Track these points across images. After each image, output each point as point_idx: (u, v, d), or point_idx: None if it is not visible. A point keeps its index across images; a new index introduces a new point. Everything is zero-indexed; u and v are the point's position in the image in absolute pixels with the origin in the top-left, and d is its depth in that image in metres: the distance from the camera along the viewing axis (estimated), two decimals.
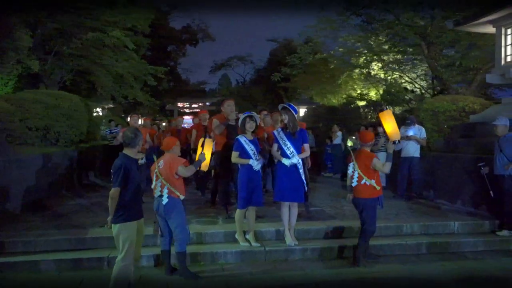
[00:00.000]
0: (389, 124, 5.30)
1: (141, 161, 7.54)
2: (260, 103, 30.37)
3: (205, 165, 5.57)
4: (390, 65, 17.49)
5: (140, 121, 10.67)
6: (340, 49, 18.74)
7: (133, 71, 15.27)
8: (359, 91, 19.98)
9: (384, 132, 5.34)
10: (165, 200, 4.81)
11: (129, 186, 4.10)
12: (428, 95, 16.33)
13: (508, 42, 8.50)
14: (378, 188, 5.31)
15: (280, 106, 5.94)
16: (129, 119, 9.93)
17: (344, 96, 20.22)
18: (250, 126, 5.76)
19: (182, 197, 4.93)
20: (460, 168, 7.79)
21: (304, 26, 16.39)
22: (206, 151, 5.51)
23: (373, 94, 19.41)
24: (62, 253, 5.48)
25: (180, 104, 38.60)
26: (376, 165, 5.24)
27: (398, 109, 16.18)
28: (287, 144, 5.72)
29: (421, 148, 8.63)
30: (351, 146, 12.13)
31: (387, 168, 5.25)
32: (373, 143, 5.57)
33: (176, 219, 4.86)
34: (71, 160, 9.96)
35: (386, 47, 16.36)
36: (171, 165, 4.86)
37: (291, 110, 5.74)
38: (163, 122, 22.55)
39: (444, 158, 8.37)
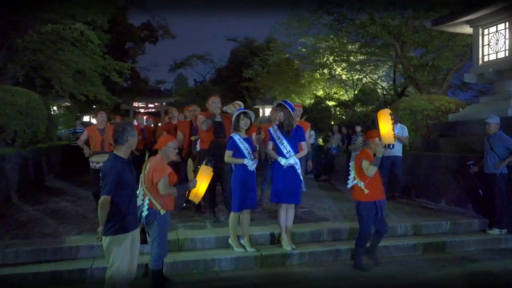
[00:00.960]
0: (385, 126, 4.86)
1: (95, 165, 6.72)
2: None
3: (196, 196, 4.65)
4: (353, 66, 17.62)
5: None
6: (303, 50, 18.67)
7: (96, 67, 14.35)
8: (323, 91, 20.00)
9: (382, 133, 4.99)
10: (145, 212, 4.22)
11: (122, 192, 3.54)
12: (389, 96, 16.61)
13: (486, 42, 8.62)
14: (366, 191, 4.99)
15: (275, 103, 5.61)
16: (96, 117, 9.11)
17: (309, 96, 20.19)
18: (244, 123, 5.36)
19: (162, 212, 4.25)
20: (443, 167, 7.77)
21: (273, 24, 16.18)
22: (199, 179, 4.57)
23: (338, 94, 19.50)
24: (37, 265, 4.85)
25: (135, 104, 37.40)
26: (363, 165, 4.97)
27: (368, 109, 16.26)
28: (283, 143, 5.40)
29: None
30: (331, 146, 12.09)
31: (370, 171, 4.90)
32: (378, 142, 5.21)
33: (155, 231, 4.28)
34: (29, 161, 9.14)
35: (351, 46, 16.43)
36: (153, 174, 4.20)
37: (287, 107, 5.40)
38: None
39: (426, 157, 8.34)
